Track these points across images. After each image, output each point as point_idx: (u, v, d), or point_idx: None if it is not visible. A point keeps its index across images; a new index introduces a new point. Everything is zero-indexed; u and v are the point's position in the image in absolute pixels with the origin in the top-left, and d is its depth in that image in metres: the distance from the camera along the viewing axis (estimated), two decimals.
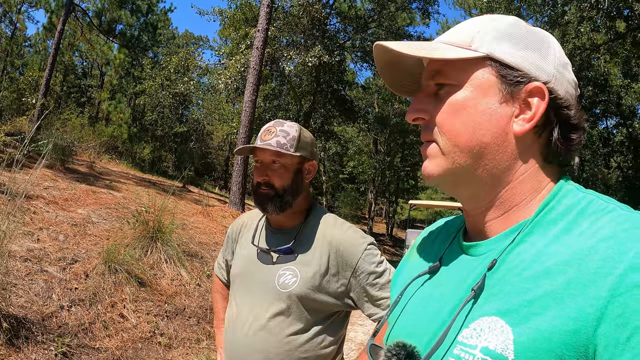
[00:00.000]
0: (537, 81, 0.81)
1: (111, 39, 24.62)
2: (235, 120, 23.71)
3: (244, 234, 2.13)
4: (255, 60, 12.85)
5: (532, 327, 0.68)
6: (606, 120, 29.53)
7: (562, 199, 0.80)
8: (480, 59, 0.84)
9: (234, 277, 2.02)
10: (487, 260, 0.82)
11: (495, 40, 0.83)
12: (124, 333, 4.66)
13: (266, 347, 1.83)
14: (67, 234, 5.72)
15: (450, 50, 0.85)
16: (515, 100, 0.82)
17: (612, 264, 0.64)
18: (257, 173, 1.94)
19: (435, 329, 0.83)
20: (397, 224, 45.14)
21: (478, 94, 0.83)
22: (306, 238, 1.95)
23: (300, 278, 1.85)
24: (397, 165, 35.17)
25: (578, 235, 0.72)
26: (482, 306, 0.77)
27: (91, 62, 33.06)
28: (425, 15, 22.06)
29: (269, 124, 1.96)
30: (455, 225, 1.05)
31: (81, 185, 8.49)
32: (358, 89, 28.83)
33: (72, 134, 12.05)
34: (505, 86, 0.82)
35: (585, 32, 15.56)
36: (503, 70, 0.82)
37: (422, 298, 0.94)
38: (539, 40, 0.84)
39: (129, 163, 19.06)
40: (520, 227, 0.81)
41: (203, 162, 36.37)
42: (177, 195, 11.72)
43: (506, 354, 0.69)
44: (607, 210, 0.74)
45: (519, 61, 0.82)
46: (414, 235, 11.70)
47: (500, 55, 0.82)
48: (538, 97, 0.81)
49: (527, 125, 0.81)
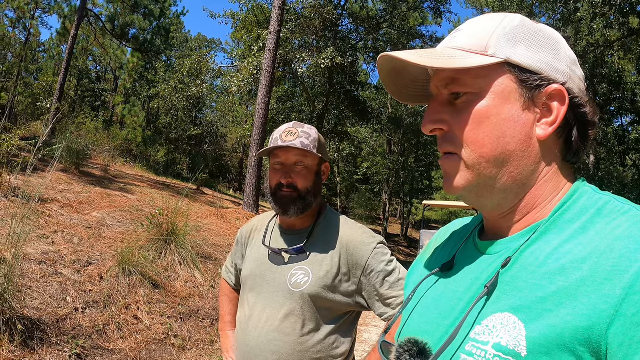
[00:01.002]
0: (556, 83, 0.80)
1: (124, 43, 24.78)
2: (248, 123, 23.77)
3: (255, 236, 2.13)
4: (267, 63, 12.89)
5: (544, 323, 0.68)
6: (621, 118, 29.24)
7: (578, 200, 0.80)
8: (498, 64, 0.81)
9: (245, 279, 2.02)
10: (502, 258, 0.83)
11: (511, 43, 0.82)
12: (138, 335, 4.69)
13: (279, 348, 1.83)
14: (81, 237, 5.76)
15: (468, 58, 0.82)
16: (537, 104, 0.81)
17: (628, 262, 0.64)
18: (279, 174, 1.93)
19: (448, 325, 0.83)
20: (412, 224, 45.05)
21: (500, 101, 0.81)
22: (318, 238, 1.97)
23: (313, 277, 1.86)
24: (411, 165, 35.13)
25: (594, 234, 0.72)
26: (495, 303, 0.77)
27: (105, 67, 33.41)
28: (437, 14, 22.00)
29: (287, 126, 1.95)
30: (470, 225, 1.05)
31: (95, 188, 8.56)
32: (371, 89, 28.82)
33: (86, 137, 12.17)
34: (526, 91, 0.81)
35: (598, 29, 15.45)
36: (522, 75, 0.81)
37: (435, 295, 0.94)
38: (549, 39, 0.83)
39: (143, 166, 19.19)
40: (536, 226, 0.81)
41: (217, 164, 36.49)
42: (191, 198, 11.78)
43: (519, 350, 0.69)
44: (623, 211, 0.74)
45: (536, 64, 0.80)
46: (429, 236, 11.67)
47: (518, 60, 0.80)
48: (557, 99, 0.80)
49: (550, 129, 0.81)
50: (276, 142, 1.89)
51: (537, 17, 18.47)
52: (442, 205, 16.15)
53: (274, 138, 1.92)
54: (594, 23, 15.28)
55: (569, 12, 16.27)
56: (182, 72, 19.64)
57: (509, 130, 0.81)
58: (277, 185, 1.92)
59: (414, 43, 23.78)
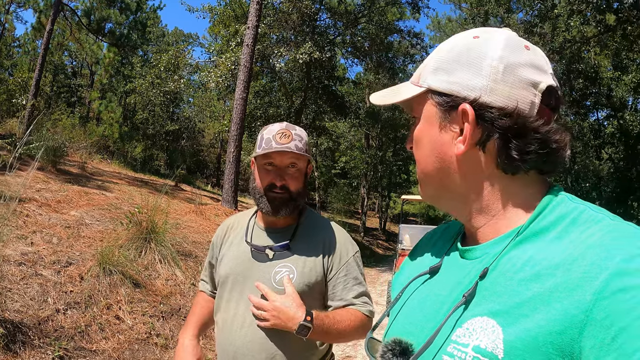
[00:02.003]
0: (465, 102, 0.83)
1: (100, 38, 24.46)
2: (226, 118, 23.63)
3: (231, 235, 2.12)
4: (245, 58, 12.83)
5: (521, 328, 0.71)
6: (597, 113, 29.57)
7: (554, 209, 0.82)
8: (425, 92, 0.90)
9: (225, 278, 2.00)
10: (481, 264, 0.86)
11: (433, 71, 0.90)
12: (120, 335, 4.67)
13: (267, 346, 1.84)
14: (60, 237, 5.71)
15: (403, 92, 0.95)
16: (454, 123, 0.86)
17: (598, 269, 0.67)
18: (271, 176, 1.94)
19: (431, 328, 0.85)
20: (390, 218, 45.22)
21: (427, 125, 0.92)
22: (302, 236, 1.99)
23: (297, 274, 1.89)
24: (389, 159, 35.19)
25: (568, 242, 0.75)
26: (475, 307, 0.80)
27: (81, 62, 32.85)
28: (416, 9, 21.97)
29: (279, 127, 1.95)
30: (456, 229, 1.08)
31: (73, 186, 8.46)
32: (349, 84, 28.74)
33: (63, 134, 11.99)
34: (442, 113, 0.87)
35: (575, 26, 15.60)
36: (439, 99, 0.87)
37: (421, 298, 0.98)
38: (473, 57, 0.84)
39: (121, 162, 18.96)
40: (513, 233, 0.84)
41: (195, 160, 36.23)
42: (169, 195, 11.69)
43: (496, 352, 0.72)
44: (597, 220, 0.76)
45: (449, 87, 0.86)
46: (407, 230, 11.73)
47: (435, 86, 0.88)
48: (466, 117, 0.83)
49: (462, 146, 0.85)
50: (269, 144, 1.90)
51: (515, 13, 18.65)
52: (420, 199, 16.26)
53: (266, 139, 1.92)
54: (571, 20, 15.43)
55: (546, 8, 16.41)
56: (159, 67, 19.35)
57: (433, 150, 0.91)
58: (269, 186, 1.94)
59: (391, 38, 23.86)
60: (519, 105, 0.81)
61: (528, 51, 0.85)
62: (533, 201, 0.85)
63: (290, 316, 1.72)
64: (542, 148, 0.82)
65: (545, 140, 0.82)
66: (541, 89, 0.82)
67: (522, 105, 0.81)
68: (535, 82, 0.82)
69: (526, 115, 0.81)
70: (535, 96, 0.82)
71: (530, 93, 0.82)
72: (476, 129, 0.83)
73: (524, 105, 0.81)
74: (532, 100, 0.82)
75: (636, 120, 26.28)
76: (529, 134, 0.81)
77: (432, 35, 38.53)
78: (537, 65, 0.84)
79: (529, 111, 0.81)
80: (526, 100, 0.81)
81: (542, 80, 0.83)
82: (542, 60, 0.85)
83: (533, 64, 0.83)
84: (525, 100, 0.81)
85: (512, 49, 0.84)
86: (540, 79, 0.82)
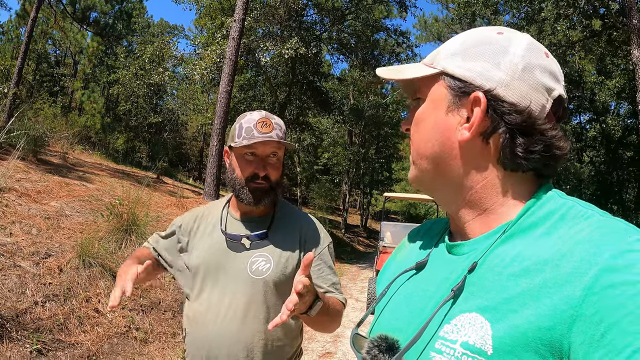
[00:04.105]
0: (480, 90, 0.83)
1: (85, 27, 24.19)
2: (210, 111, 23.52)
3: (201, 224, 2.08)
4: (231, 51, 12.75)
5: (509, 324, 0.71)
6: (579, 116, 30.02)
7: (543, 205, 0.82)
8: (437, 74, 0.90)
9: (196, 269, 1.96)
10: (469, 260, 0.86)
11: (450, 56, 0.89)
12: (99, 328, 4.63)
13: (243, 338, 1.82)
14: (40, 228, 5.63)
15: (413, 70, 0.94)
16: (463, 109, 0.86)
17: (588, 265, 0.67)
18: (253, 166, 1.93)
19: (419, 324, 0.85)
20: (371, 215, 45.33)
21: (432, 107, 0.91)
22: (279, 226, 2.00)
23: (274, 264, 1.88)
24: (372, 157, 35.30)
25: (557, 238, 0.75)
26: (463, 303, 0.80)
27: (64, 51, 32.38)
28: (403, 8, 22.00)
29: (259, 116, 1.93)
30: (442, 225, 1.09)
31: (54, 177, 8.35)
32: (334, 80, 28.73)
33: (44, 124, 11.86)
34: (452, 97, 0.87)
35: (561, 30, 15.73)
36: (452, 83, 0.87)
37: (407, 293, 0.98)
38: (495, 50, 0.85)
39: (102, 154, 18.81)
40: (501, 229, 0.84)
41: (177, 152, 35.97)
42: (151, 187, 11.61)
43: (485, 348, 0.72)
44: (586, 216, 0.77)
45: (465, 73, 0.86)
46: (389, 227, 11.75)
47: (450, 70, 0.88)
48: (478, 105, 0.83)
49: (467, 133, 0.85)
50: (250, 133, 1.88)
51: (502, 15, 18.76)
52: (402, 197, 16.32)
53: (246, 128, 1.90)
54: (557, 24, 15.56)
55: (533, 11, 16.53)
56: (143, 59, 19.18)
57: (434, 132, 0.90)
58: (252, 177, 1.92)
59: (378, 36, 23.86)
60: (532, 106, 0.82)
61: (547, 58, 0.86)
62: (524, 198, 0.86)
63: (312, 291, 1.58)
64: (545, 151, 0.83)
65: (549, 145, 0.83)
66: (554, 96, 0.84)
67: (534, 106, 0.82)
68: (550, 88, 0.84)
69: (536, 117, 0.82)
70: (548, 101, 0.84)
71: (544, 97, 0.83)
72: (485, 119, 0.83)
73: (536, 106, 0.82)
74: (543, 104, 0.83)
75: (618, 124, 26.71)
76: (535, 135, 0.82)
77: (418, 35, 38.74)
78: (554, 73, 0.85)
79: (539, 113, 0.83)
80: (539, 102, 0.83)
81: (556, 88, 0.85)
82: (558, 71, 0.87)
83: (550, 71, 0.85)
84: (538, 102, 0.83)
85: (533, 52, 0.85)
86: (554, 86, 0.84)
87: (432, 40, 37.19)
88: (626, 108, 27.15)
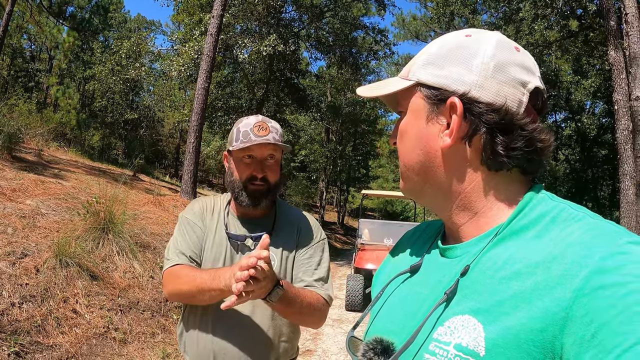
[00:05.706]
0: (455, 95, 0.84)
1: (61, 22, 23.82)
2: (187, 108, 23.30)
3: (206, 218, 2.04)
4: (209, 47, 12.68)
5: (502, 326, 0.71)
6: (555, 115, 30.48)
7: (534, 207, 0.83)
8: (413, 86, 0.91)
9: None
10: (462, 263, 0.86)
11: (422, 66, 0.90)
12: (78, 329, 4.57)
13: (251, 340, 1.84)
14: (15, 227, 5.54)
15: (391, 86, 0.95)
16: (442, 117, 0.87)
17: (578, 267, 0.68)
18: (251, 168, 1.94)
19: (413, 326, 0.86)
20: (348, 212, 45.46)
21: (413, 118, 0.92)
22: (280, 225, 2.03)
23: (278, 264, 1.93)
24: (349, 154, 35.37)
25: (548, 241, 0.76)
26: (456, 305, 0.80)
27: (40, 46, 31.79)
28: (381, 6, 22.06)
29: (255, 120, 1.96)
30: (436, 227, 1.09)
31: (29, 174, 8.23)
32: (311, 77, 28.71)
33: (19, 120, 11.66)
34: (430, 106, 0.88)
35: (539, 30, 15.92)
36: (427, 92, 0.88)
37: (401, 296, 0.98)
38: (465, 53, 0.86)
39: (78, 151, 18.55)
40: (493, 232, 0.84)
41: (153, 149, 35.70)
42: (127, 185, 11.47)
43: (478, 350, 0.72)
44: (577, 218, 0.77)
45: (438, 80, 0.86)
46: (367, 225, 11.78)
47: (424, 79, 0.88)
48: (454, 110, 0.84)
49: (449, 139, 0.85)
50: (247, 136, 1.90)
51: (480, 14, 18.92)
52: (380, 194, 16.38)
53: (243, 132, 1.92)
54: (535, 24, 15.74)
55: (511, 11, 16.70)
56: (120, 54, 18.93)
57: (418, 143, 0.91)
58: (250, 178, 1.94)
59: (356, 34, 23.85)
60: (507, 102, 0.82)
61: (518, 52, 0.86)
62: (514, 199, 0.86)
63: (271, 277, 1.56)
64: (527, 146, 0.83)
65: (531, 139, 0.83)
66: (529, 89, 0.84)
67: (510, 102, 0.82)
68: (524, 82, 0.84)
69: (514, 113, 0.82)
70: (524, 95, 0.84)
71: (519, 92, 0.84)
72: (463, 123, 0.84)
73: (512, 102, 0.83)
74: (520, 99, 0.83)
75: (593, 123, 27.20)
76: (515, 131, 0.82)
77: (396, 33, 38.72)
78: (526, 66, 0.85)
79: (516, 109, 0.83)
80: (514, 98, 0.83)
81: (531, 81, 0.84)
82: (531, 63, 0.87)
83: (522, 65, 0.85)
84: (513, 97, 0.83)
85: (503, 49, 0.85)
86: (529, 79, 0.84)
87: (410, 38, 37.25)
88: (601, 107, 27.70)
